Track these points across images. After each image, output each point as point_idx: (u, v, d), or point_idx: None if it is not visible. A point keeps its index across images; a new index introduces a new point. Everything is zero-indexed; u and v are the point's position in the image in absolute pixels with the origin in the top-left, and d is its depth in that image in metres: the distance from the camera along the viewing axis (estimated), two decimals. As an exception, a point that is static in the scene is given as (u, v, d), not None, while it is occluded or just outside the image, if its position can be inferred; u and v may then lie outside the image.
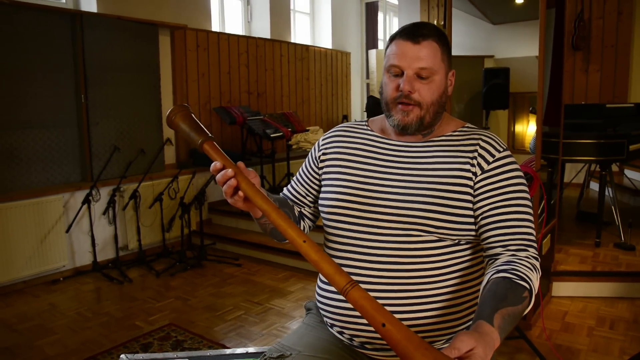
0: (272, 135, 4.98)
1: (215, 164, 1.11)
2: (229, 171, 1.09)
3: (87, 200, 3.88)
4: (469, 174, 1.18)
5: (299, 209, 1.44)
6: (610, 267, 3.17)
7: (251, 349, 1.54)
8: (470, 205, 1.17)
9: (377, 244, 1.19)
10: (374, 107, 4.62)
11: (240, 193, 1.10)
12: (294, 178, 1.46)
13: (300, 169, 1.44)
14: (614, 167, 4.15)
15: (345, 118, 7.92)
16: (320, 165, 1.36)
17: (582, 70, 5.48)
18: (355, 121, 1.42)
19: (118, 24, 4.33)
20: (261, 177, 5.27)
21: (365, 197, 1.22)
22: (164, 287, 3.73)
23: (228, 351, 1.53)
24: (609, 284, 3.08)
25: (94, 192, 3.94)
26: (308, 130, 6.28)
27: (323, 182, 1.34)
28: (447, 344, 1.16)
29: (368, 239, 1.20)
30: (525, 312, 1.06)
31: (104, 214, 4.11)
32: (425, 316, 1.16)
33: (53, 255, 3.84)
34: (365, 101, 8.48)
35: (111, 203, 4.05)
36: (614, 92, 5.39)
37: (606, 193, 3.58)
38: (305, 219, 1.44)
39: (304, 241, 1.01)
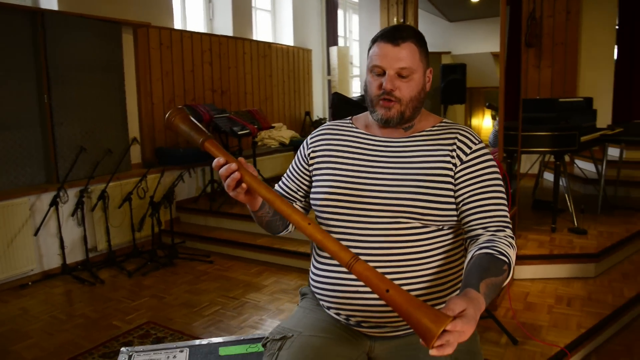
0: (239, 133, 5.01)
1: (219, 160, 1.19)
2: (233, 165, 1.17)
3: (54, 202, 3.82)
4: (450, 165, 1.30)
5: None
6: (565, 250, 3.39)
7: (245, 336, 1.61)
8: (451, 193, 1.29)
9: (368, 232, 1.29)
10: (339, 103, 4.72)
11: (244, 185, 1.18)
12: (285, 175, 1.54)
13: (291, 167, 1.53)
14: (566, 158, 4.41)
15: (308, 115, 8.02)
16: (310, 162, 1.45)
17: (534, 66, 5.77)
18: (338, 120, 1.52)
19: (80, 22, 4.27)
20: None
21: (355, 190, 1.32)
22: (137, 287, 3.73)
23: (224, 339, 1.60)
24: (565, 266, 3.31)
25: (61, 194, 3.88)
26: (274, 127, 6.34)
27: (314, 178, 1.43)
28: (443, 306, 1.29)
29: (359, 227, 1.30)
30: (505, 284, 1.19)
31: (72, 215, 4.05)
32: (417, 294, 1.27)
33: (20, 260, 3.76)
34: (327, 98, 8.59)
35: (79, 204, 4.00)
36: (564, 87, 5.70)
37: (559, 182, 3.82)
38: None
39: (309, 224, 1.11)
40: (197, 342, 1.58)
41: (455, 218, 1.30)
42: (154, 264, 4.11)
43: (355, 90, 8.50)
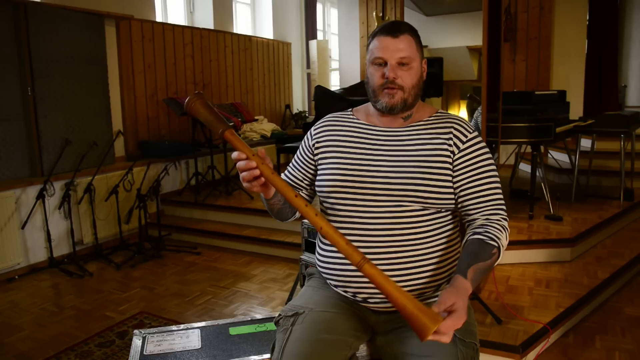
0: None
1: (240, 154, 1.25)
2: (253, 163, 1.24)
3: (41, 195, 3.81)
4: (448, 152, 1.40)
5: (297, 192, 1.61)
6: (543, 236, 3.55)
7: (257, 316, 1.69)
8: (450, 178, 1.39)
9: (372, 214, 1.39)
10: (322, 96, 4.80)
11: (262, 179, 1.26)
12: (290, 165, 1.62)
13: (296, 157, 1.61)
14: (541, 148, 4.59)
15: (288, 108, 8.07)
16: (315, 152, 1.53)
17: (509, 60, 5.95)
18: (339, 112, 1.61)
19: (63, 14, 4.24)
20: (212, 167, 5.34)
21: (360, 177, 1.41)
22: (127, 279, 3.76)
23: (236, 319, 1.67)
24: (542, 251, 3.47)
25: (47, 187, 3.87)
26: (257, 120, 6.39)
27: (319, 167, 1.52)
28: (438, 293, 1.39)
29: (364, 211, 1.40)
30: (495, 264, 1.35)
31: (59, 208, 4.04)
32: (417, 272, 1.38)
33: (6, 254, 3.75)
34: (307, 91, 8.66)
35: (66, 197, 3.99)
36: (538, 80, 5.91)
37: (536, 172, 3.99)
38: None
39: (321, 228, 1.22)
40: (207, 323, 1.65)
41: (452, 202, 1.41)
42: (141, 256, 4.14)
43: (334, 83, 8.58)
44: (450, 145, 1.41)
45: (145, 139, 5.29)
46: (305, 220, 2.51)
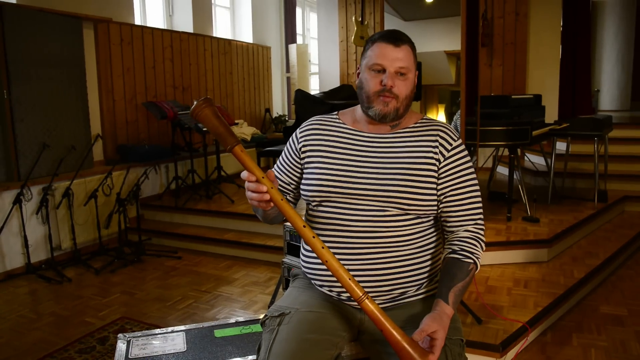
0: (204, 129, 5.03)
1: (250, 176, 1.26)
2: (263, 188, 1.26)
3: (18, 200, 3.74)
4: (433, 160, 1.43)
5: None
6: (520, 237, 3.63)
7: (240, 319, 1.69)
8: (434, 185, 1.43)
9: (356, 218, 1.41)
10: (302, 100, 4.82)
11: (271, 204, 1.29)
12: (275, 169, 1.62)
13: (281, 160, 1.61)
14: (518, 151, 4.69)
15: (268, 111, 8.08)
16: (302, 155, 1.54)
17: (486, 65, 6.06)
18: (325, 115, 1.62)
19: (40, 16, 4.18)
20: (192, 171, 5.31)
21: (345, 182, 1.43)
22: (106, 284, 3.71)
23: (221, 322, 1.67)
24: (520, 251, 3.54)
25: (25, 191, 3.80)
26: (237, 124, 6.37)
27: (305, 170, 1.53)
28: (419, 292, 1.42)
29: (349, 214, 1.42)
30: (471, 279, 1.42)
31: (36, 213, 3.97)
32: (398, 272, 1.42)
33: (-19, 259, 3.67)
34: (286, 95, 8.67)
35: (44, 202, 3.92)
36: (514, 85, 6.03)
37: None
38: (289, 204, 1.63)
39: (326, 261, 1.25)
40: (191, 326, 1.65)
41: (434, 207, 1.44)
42: (121, 261, 4.09)
43: (314, 87, 8.61)
44: (435, 153, 1.44)
45: (124, 143, 5.24)
46: (288, 224, 2.52)
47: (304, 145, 1.54)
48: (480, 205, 1.47)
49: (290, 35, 8.48)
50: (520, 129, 3.82)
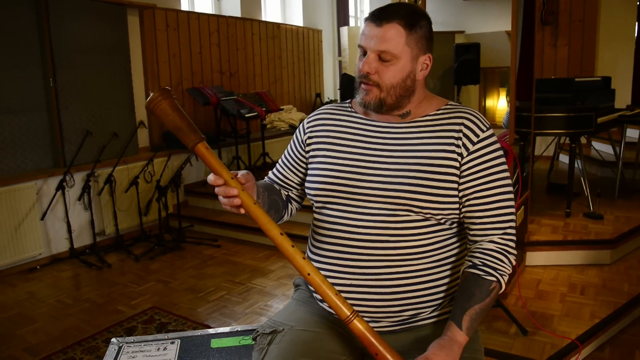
0: (246, 115, 4.94)
1: (217, 180, 1.10)
2: (234, 190, 1.09)
3: (61, 187, 3.81)
4: (455, 155, 1.19)
5: (286, 193, 1.45)
6: (580, 236, 3.29)
7: (239, 327, 1.56)
8: (455, 185, 1.19)
9: (364, 224, 1.21)
10: (347, 84, 4.63)
11: (242, 210, 1.14)
12: (280, 161, 1.45)
13: (286, 153, 1.44)
14: (582, 140, 4.28)
15: (319, 96, 7.91)
16: (307, 148, 1.36)
17: (550, 45, 5.58)
18: (338, 102, 1.42)
19: (85, 3, 4.20)
20: (237, 158, 5.25)
21: (352, 179, 1.23)
22: (144, 271, 3.72)
23: (217, 330, 1.55)
24: (579, 252, 3.21)
25: (67, 178, 3.86)
26: (282, 110, 6.26)
27: (310, 165, 1.34)
28: (435, 313, 1.22)
29: (356, 219, 1.22)
30: (492, 302, 1.18)
31: (79, 199, 4.04)
32: (411, 290, 1.20)
33: (28, 244, 3.77)
34: (338, 79, 8.46)
35: (86, 188, 3.98)
36: (581, 66, 5.52)
37: (575, 165, 3.70)
38: (293, 202, 1.46)
39: (308, 274, 1.12)
40: (190, 333, 1.53)
41: (457, 212, 1.21)
42: (161, 248, 4.10)
43: (367, 71, 8.35)
44: (458, 146, 1.19)
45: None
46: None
47: (309, 137, 1.36)
48: (512, 211, 1.21)
49: (342, 18, 8.24)
50: (583, 115, 3.44)
